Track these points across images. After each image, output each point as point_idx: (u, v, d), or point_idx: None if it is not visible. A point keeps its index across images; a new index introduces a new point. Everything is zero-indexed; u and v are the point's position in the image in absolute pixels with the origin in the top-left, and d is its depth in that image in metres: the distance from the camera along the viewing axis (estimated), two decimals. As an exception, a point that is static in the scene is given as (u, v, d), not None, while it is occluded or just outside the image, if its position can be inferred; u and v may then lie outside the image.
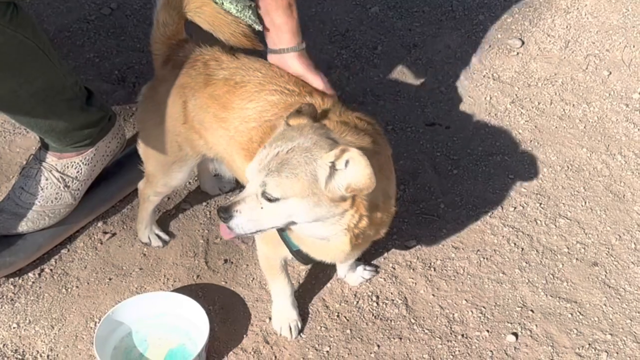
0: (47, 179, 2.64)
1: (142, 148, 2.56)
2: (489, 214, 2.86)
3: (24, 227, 2.64)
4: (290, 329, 2.47)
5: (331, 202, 1.95)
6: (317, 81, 2.33)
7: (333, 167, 1.92)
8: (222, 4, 2.28)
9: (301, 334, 2.49)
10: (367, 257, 2.69)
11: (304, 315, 2.53)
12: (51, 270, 2.66)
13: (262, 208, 1.95)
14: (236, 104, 2.29)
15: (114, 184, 2.85)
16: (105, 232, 2.78)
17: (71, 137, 2.61)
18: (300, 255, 2.25)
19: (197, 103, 2.34)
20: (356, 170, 1.89)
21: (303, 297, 2.58)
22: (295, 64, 2.33)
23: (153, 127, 2.46)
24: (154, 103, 2.45)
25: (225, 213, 1.96)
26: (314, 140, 1.95)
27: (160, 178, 2.57)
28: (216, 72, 2.33)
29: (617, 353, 2.43)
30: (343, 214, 1.99)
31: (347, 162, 1.90)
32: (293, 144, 1.94)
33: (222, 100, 2.31)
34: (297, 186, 1.91)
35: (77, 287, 2.62)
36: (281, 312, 2.49)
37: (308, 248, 2.19)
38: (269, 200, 1.93)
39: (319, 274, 2.65)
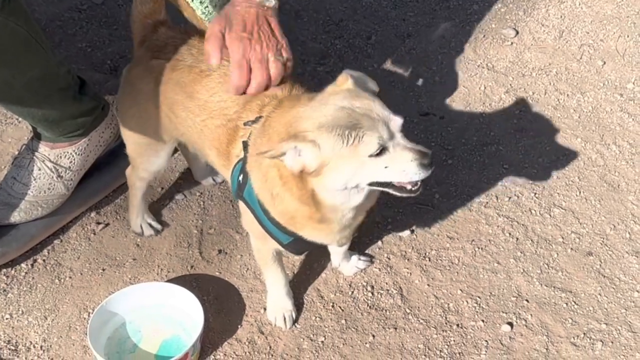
0: (39, 169, 2.63)
1: (122, 130, 2.55)
2: (484, 204, 2.85)
3: (16, 217, 2.62)
4: (285, 319, 2.47)
5: None
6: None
7: None
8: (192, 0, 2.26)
9: (296, 324, 2.48)
10: (361, 247, 2.69)
11: (298, 305, 2.53)
12: (44, 260, 2.64)
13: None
14: (201, 95, 2.25)
15: (107, 174, 2.83)
16: (99, 223, 2.77)
17: (64, 127, 2.59)
18: (293, 247, 2.23)
19: (167, 88, 2.32)
20: None
21: (298, 287, 2.58)
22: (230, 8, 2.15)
23: (129, 108, 2.47)
24: (129, 85, 2.44)
25: (431, 158, 1.95)
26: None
27: (140, 162, 2.57)
28: (184, 58, 2.30)
29: (612, 342, 2.43)
30: None
31: None
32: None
33: (188, 89, 2.28)
34: None
35: (70, 277, 2.60)
36: (276, 303, 2.49)
37: (315, 230, 2.14)
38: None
39: (313, 264, 2.65)
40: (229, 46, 2.07)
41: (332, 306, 2.53)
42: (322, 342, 2.44)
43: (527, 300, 2.55)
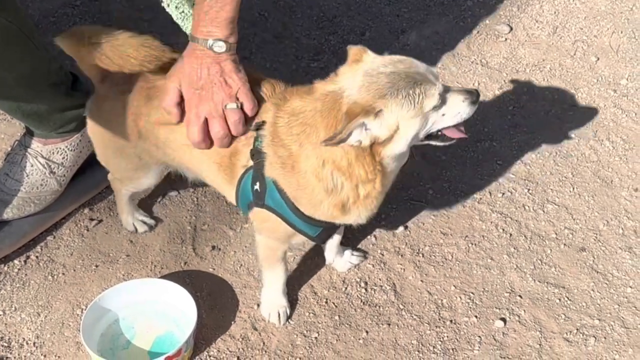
0: (32, 165, 2.62)
1: (102, 160, 2.51)
2: (478, 200, 2.85)
3: (9, 213, 2.61)
4: (279, 315, 2.46)
5: None
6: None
7: None
8: (168, 5, 2.23)
9: (289, 320, 2.48)
10: (354, 243, 2.69)
11: (292, 301, 2.52)
12: (37, 257, 2.64)
13: None
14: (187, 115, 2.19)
15: (100, 171, 2.81)
16: (92, 219, 2.76)
17: (55, 123, 2.58)
18: (320, 237, 2.25)
19: (148, 120, 2.26)
20: None
21: (291, 283, 2.58)
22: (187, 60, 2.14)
23: (107, 141, 2.40)
24: (102, 119, 2.37)
25: (476, 93, 2.09)
26: None
27: (129, 183, 2.55)
28: (157, 84, 2.22)
29: (605, 338, 2.44)
30: None
31: None
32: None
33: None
34: None
35: (63, 274, 2.60)
36: (271, 299, 2.48)
37: (364, 209, 2.14)
38: None
39: (307, 261, 2.64)
40: (184, 103, 2.10)
41: (326, 302, 2.53)
42: (316, 338, 2.43)
43: (520, 296, 2.55)
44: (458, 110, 2.06)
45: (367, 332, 2.45)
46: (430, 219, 2.79)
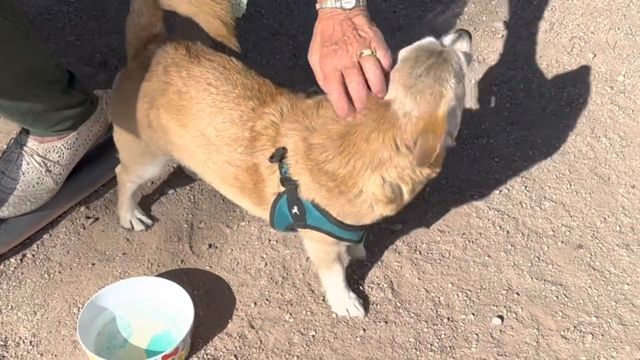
0: (28, 164, 2.61)
1: (115, 135, 2.51)
2: (475, 197, 2.85)
3: (5, 212, 2.61)
4: (357, 307, 2.46)
5: None
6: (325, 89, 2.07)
7: None
8: None
9: (287, 318, 2.48)
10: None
11: (289, 299, 2.52)
12: (33, 255, 2.63)
13: None
14: (194, 125, 2.20)
15: (96, 169, 2.82)
16: (88, 217, 2.75)
17: (51, 121, 2.57)
18: (362, 238, 2.28)
19: (158, 114, 2.26)
20: None
21: (288, 281, 2.57)
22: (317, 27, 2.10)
23: (122, 117, 2.40)
24: (122, 95, 2.36)
25: None
26: None
27: (133, 169, 2.54)
28: (174, 81, 2.21)
29: (602, 335, 2.44)
30: None
31: None
32: None
33: (180, 117, 2.22)
34: None
35: (59, 272, 2.59)
36: (341, 297, 2.46)
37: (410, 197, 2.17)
38: None
39: (302, 259, 2.64)
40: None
41: (323, 300, 2.53)
42: (313, 336, 2.43)
43: (517, 294, 2.55)
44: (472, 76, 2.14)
45: (364, 330, 2.45)
46: (427, 216, 2.78)
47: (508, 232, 2.74)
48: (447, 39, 2.10)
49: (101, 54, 3.34)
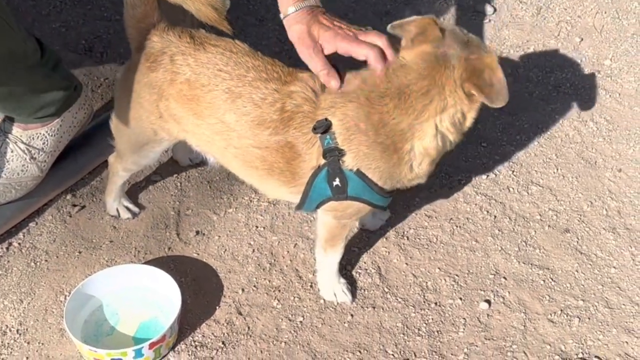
0: (12, 151, 2.59)
1: (115, 125, 2.47)
2: (462, 182, 2.85)
3: (-11, 200, 2.59)
4: (345, 292, 2.47)
5: None
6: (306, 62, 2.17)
7: None
8: None
9: (275, 304, 2.48)
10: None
11: (277, 285, 2.52)
12: (19, 244, 2.62)
13: None
14: (209, 113, 2.19)
15: (82, 156, 2.81)
16: (74, 205, 2.74)
17: (35, 107, 2.55)
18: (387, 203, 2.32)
19: (168, 105, 2.24)
20: None
21: (275, 268, 2.57)
22: (290, 33, 2.18)
23: (127, 109, 2.36)
24: (128, 88, 2.33)
25: None
26: None
27: (130, 156, 2.52)
28: (182, 70, 2.19)
29: (589, 319, 2.45)
30: None
31: None
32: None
33: (192, 107, 2.21)
34: None
35: (46, 260, 2.58)
36: (332, 280, 2.47)
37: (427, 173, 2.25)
38: None
39: (290, 246, 2.64)
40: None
41: (311, 286, 2.53)
42: (301, 322, 2.43)
43: (504, 278, 2.56)
44: None
45: (352, 315, 2.45)
46: (415, 202, 2.78)
47: (495, 216, 2.74)
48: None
49: (86, 41, 3.32)
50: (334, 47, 2.15)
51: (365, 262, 2.60)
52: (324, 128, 2.10)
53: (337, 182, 2.16)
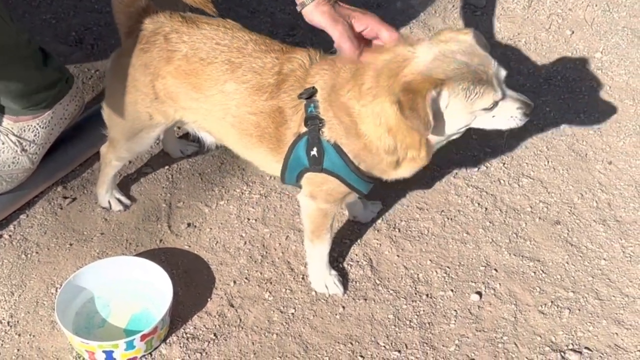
0: (3, 143, 2.58)
1: (107, 114, 2.48)
2: (453, 175, 2.86)
3: (-20, 192, 2.59)
4: (336, 284, 2.47)
5: None
6: (335, 35, 2.19)
7: None
8: None
9: (267, 296, 2.48)
10: (331, 218, 2.69)
11: (268, 278, 2.52)
12: (10, 236, 2.61)
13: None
14: (209, 85, 2.23)
15: (73, 148, 2.80)
16: (65, 197, 2.73)
17: (27, 99, 2.54)
18: (368, 191, 2.32)
19: (165, 83, 2.27)
20: None
21: (267, 260, 2.57)
22: (316, 17, 2.20)
23: (121, 96, 2.37)
24: (121, 74, 2.35)
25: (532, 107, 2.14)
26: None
27: (125, 143, 2.51)
28: (178, 47, 2.24)
29: (579, 310, 2.46)
30: None
31: None
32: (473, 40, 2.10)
33: (191, 81, 2.24)
34: None
35: (37, 252, 2.57)
36: (322, 272, 2.48)
37: (411, 168, 2.23)
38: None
39: (282, 238, 2.64)
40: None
41: (303, 278, 2.53)
42: (293, 314, 2.43)
43: (495, 270, 2.57)
44: (510, 114, 2.12)
45: (343, 307, 2.46)
46: (406, 194, 2.79)
47: (486, 209, 2.75)
48: (506, 88, 2.13)
49: (77, 33, 3.31)
50: (364, 25, 2.20)
51: (356, 254, 2.60)
52: (307, 94, 2.14)
53: (314, 152, 2.18)
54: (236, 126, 2.27)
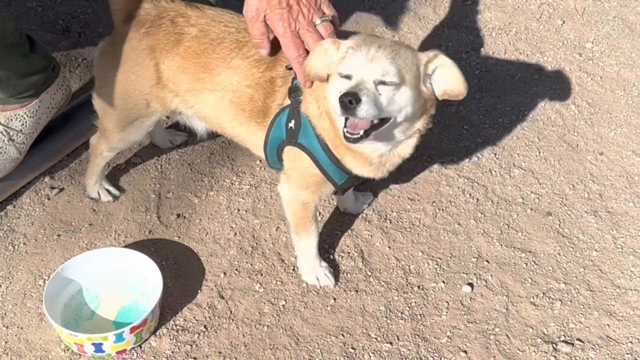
0: (-11, 133, 2.55)
1: (99, 104, 2.45)
2: (444, 165, 2.84)
3: (-34, 183, 2.55)
4: (327, 275, 2.46)
5: (425, 101, 2.07)
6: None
7: (426, 70, 2.03)
8: None
9: (257, 288, 2.46)
10: (320, 209, 2.67)
11: (259, 269, 2.50)
12: (-3, 227, 2.58)
13: (380, 94, 1.98)
14: (218, 63, 2.25)
15: (60, 138, 2.77)
16: (53, 187, 2.70)
17: (13, 87, 2.51)
18: (345, 185, 2.29)
19: (172, 65, 2.28)
20: (450, 77, 2.04)
21: (257, 251, 2.55)
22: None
23: (116, 84, 2.36)
24: (115, 61, 2.33)
25: (354, 97, 1.93)
26: (401, 44, 2.08)
27: (118, 133, 2.48)
28: (186, 30, 2.27)
29: (571, 301, 2.45)
30: (422, 115, 2.11)
31: (436, 68, 2.03)
32: (389, 42, 2.04)
33: (201, 60, 2.26)
34: (409, 75, 2.00)
35: (24, 244, 2.54)
36: (312, 264, 2.47)
37: (364, 168, 2.20)
38: (387, 85, 1.98)
39: (272, 229, 2.62)
40: (271, 25, 2.10)
41: (293, 270, 2.51)
42: (283, 305, 2.42)
43: (487, 261, 2.56)
44: (334, 94, 2.02)
45: (334, 299, 2.44)
46: (397, 185, 2.77)
47: (478, 199, 2.74)
48: (432, 68, 2.06)
49: (64, 21, 3.27)
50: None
51: (347, 246, 2.59)
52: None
53: (292, 124, 2.20)
54: (234, 102, 2.28)
